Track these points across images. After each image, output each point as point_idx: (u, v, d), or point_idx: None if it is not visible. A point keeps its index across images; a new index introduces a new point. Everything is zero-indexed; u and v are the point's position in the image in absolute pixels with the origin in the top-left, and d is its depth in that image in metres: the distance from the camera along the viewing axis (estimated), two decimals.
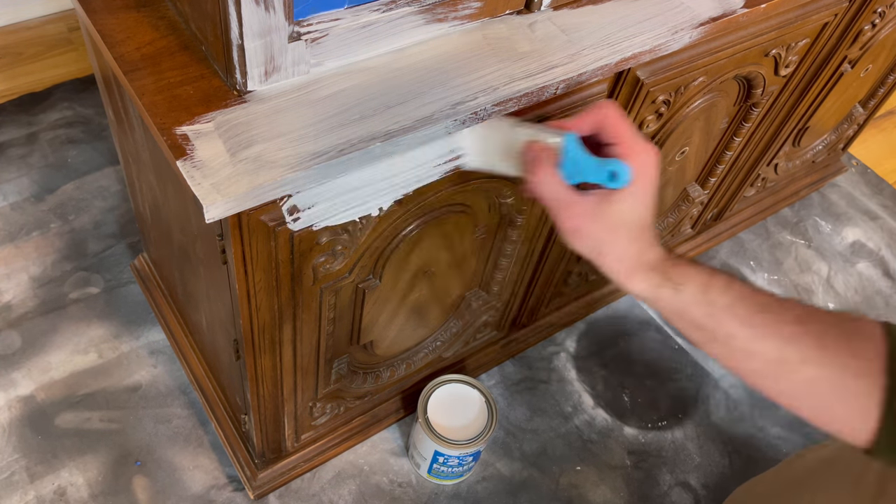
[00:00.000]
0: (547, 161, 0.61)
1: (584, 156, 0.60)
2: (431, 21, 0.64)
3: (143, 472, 1.03)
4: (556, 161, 0.60)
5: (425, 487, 1.07)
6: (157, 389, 1.11)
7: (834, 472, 0.81)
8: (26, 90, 1.46)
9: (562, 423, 1.16)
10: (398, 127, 0.60)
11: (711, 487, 1.13)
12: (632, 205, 0.59)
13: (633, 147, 0.59)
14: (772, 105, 1.04)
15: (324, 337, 0.81)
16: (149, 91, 0.59)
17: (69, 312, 1.17)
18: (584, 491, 1.10)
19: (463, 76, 0.64)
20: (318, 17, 0.57)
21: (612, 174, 0.58)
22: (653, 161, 0.59)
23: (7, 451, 1.02)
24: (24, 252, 1.23)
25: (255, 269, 0.65)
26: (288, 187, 0.56)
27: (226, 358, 0.89)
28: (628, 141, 0.59)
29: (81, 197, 1.31)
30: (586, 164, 0.60)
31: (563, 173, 0.61)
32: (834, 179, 1.60)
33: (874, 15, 1.01)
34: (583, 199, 0.60)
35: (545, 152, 0.61)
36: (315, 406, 0.94)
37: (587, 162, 0.60)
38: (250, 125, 0.57)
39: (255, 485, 1.00)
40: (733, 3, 0.76)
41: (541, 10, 0.70)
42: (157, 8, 0.65)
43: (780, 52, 0.92)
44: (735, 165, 1.17)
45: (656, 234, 0.62)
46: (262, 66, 0.57)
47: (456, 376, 1.03)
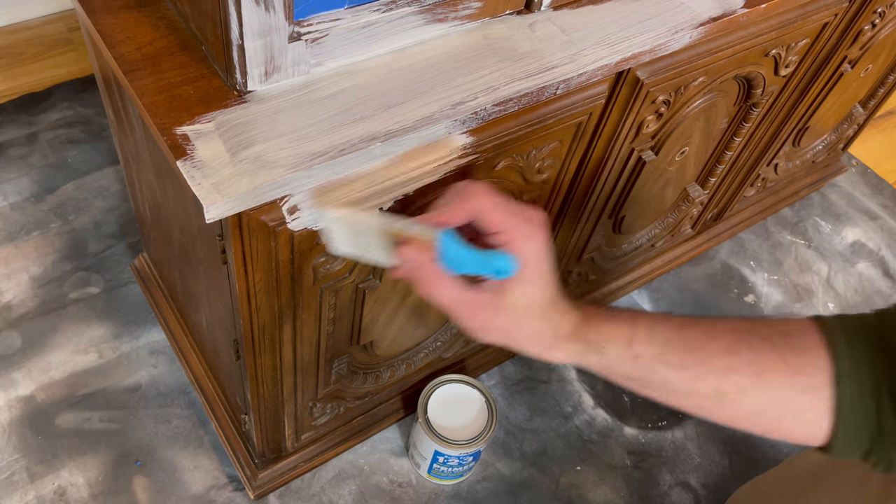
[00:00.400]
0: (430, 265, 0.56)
1: (463, 251, 0.56)
2: (431, 21, 0.64)
3: (143, 472, 1.03)
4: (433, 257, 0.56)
5: (425, 487, 1.07)
6: (157, 389, 1.11)
7: (838, 473, 0.81)
8: (26, 90, 1.46)
9: (562, 423, 1.16)
10: (398, 127, 0.60)
11: (711, 487, 1.13)
12: (530, 288, 0.57)
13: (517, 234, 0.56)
14: (772, 105, 1.04)
15: (324, 337, 0.81)
16: (149, 91, 0.59)
17: (69, 312, 1.17)
18: (584, 491, 1.10)
19: (463, 76, 0.64)
20: (318, 17, 0.57)
21: (497, 270, 0.56)
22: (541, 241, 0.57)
23: (7, 451, 1.02)
24: (24, 252, 1.23)
25: (255, 269, 0.65)
26: (288, 187, 0.56)
27: (226, 358, 0.89)
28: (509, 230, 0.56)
29: (81, 197, 1.31)
30: (468, 259, 0.56)
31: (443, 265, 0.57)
32: (834, 179, 1.60)
33: (874, 15, 1.01)
34: (478, 295, 0.57)
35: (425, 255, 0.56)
36: (315, 406, 0.94)
37: (468, 257, 0.56)
38: (250, 125, 0.57)
39: (255, 485, 1.00)
40: (733, 3, 0.76)
41: (541, 10, 0.70)
42: (157, 8, 0.65)
43: (780, 52, 0.92)
44: (735, 165, 1.17)
45: (564, 298, 0.60)
46: (262, 66, 0.57)
47: (456, 376, 1.03)
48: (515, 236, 0.56)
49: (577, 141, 0.80)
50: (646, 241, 1.20)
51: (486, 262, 0.56)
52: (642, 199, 1.03)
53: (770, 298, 1.38)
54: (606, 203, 0.97)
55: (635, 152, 0.89)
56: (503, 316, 0.58)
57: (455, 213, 0.57)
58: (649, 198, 1.05)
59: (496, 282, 0.57)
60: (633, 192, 0.98)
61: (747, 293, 1.38)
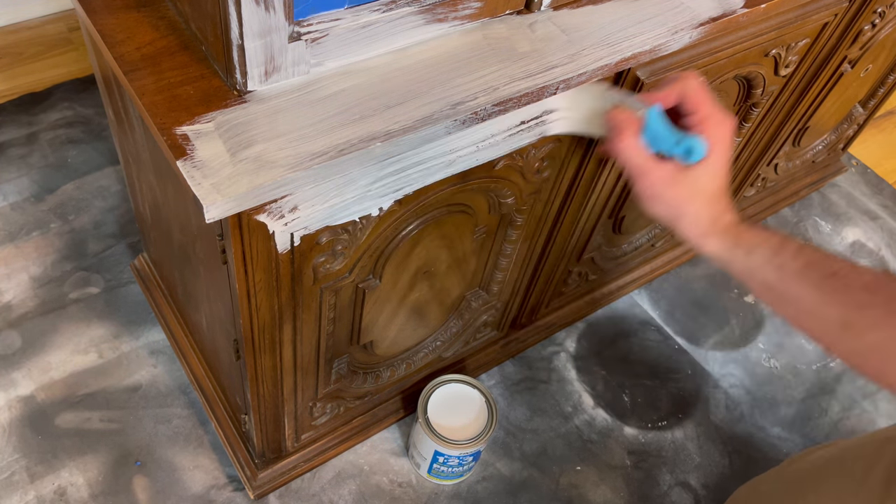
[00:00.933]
0: (630, 128, 0.65)
1: (664, 129, 0.64)
2: (431, 21, 0.64)
3: (143, 472, 1.03)
4: (638, 129, 0.65)
5: (425, 487, 1.07)
6: (157, 389, 1.11)
7: (839, 473, 0.80)
8: (26, 90, 1.46)
9: (562, 423, 1.16)
10: (398, 127, 0.60)
11: (711, 487, 1.13)
12: (708, 173, 0.64)
13: (711, 118, 0.64)
14: (772, 105, 1.04)
15: (324, 337, 0.81)
16: (149, 91, 0.59)
17: (69, 312, 1.17)
18: (584, 491, 1.10)
19: (463, 76, 0.64)
20: (318, 17, 0.57)
21: (688, 150, 0.63)
22: (728, 131, 0.64)
23: (7, 451, 1.02)
24: (24, 252, 1.23)
25: (255, 269, 0.65)
26: (288, 187, 0.56)
27: (226, 358, 0.89)
28: (706, 111, 0.64)
29: (81, 197, 1.31)
30: (666, 137, 0.64)
31: (644, 142, 0.65)
32: (834, 179, 1.60)
33: (874, 15, 1.01)
34: (662, 166, 0.64)
35: (629, 120, 0.65)
36: (315, 406, 0.94)
37: (667, 135, 0.64)
38: (250, 125, 0.57)
39: (255, 485, 1.00)
40: (733, 3, 0.76)
41: (541, 10, 0.70)
42: (157, 8, 0.65)
43: (780, 52, 0.92)
44: (735, 165, 1.17)
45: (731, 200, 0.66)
46: (262, 66, 0.57)
47: (456, 376, 1.03)
48: (711, 119, 0.64)
49: (576, 141, 0.80)
50: (646, 241, 1.20)
51: (680, 141, 0.63)
52: None
53: None
54: (606, 203, 0.97)
55: None
56: (676, 191, 0.64)
57: (668, 92, 0.65)
58: None
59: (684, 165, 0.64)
60: (632, 192, 0.98)
61: (747, 293, 1.38)
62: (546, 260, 1.02)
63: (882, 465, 0.74)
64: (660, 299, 1.34)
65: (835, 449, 0.86)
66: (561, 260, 1.05)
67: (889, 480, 0.72)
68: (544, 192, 0.85)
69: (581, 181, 0.89)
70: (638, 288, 1.34)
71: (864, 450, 0.79)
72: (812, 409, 1.24)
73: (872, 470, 0.74)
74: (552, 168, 0.82)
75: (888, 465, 0.73)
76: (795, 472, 0.89)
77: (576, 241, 1.02)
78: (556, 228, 0.96)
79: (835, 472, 0.81)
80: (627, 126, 0.65)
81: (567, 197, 0.91)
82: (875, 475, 0.74)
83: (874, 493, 0.73)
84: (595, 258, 1.13)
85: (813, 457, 0.89)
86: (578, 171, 0.87)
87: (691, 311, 1.34)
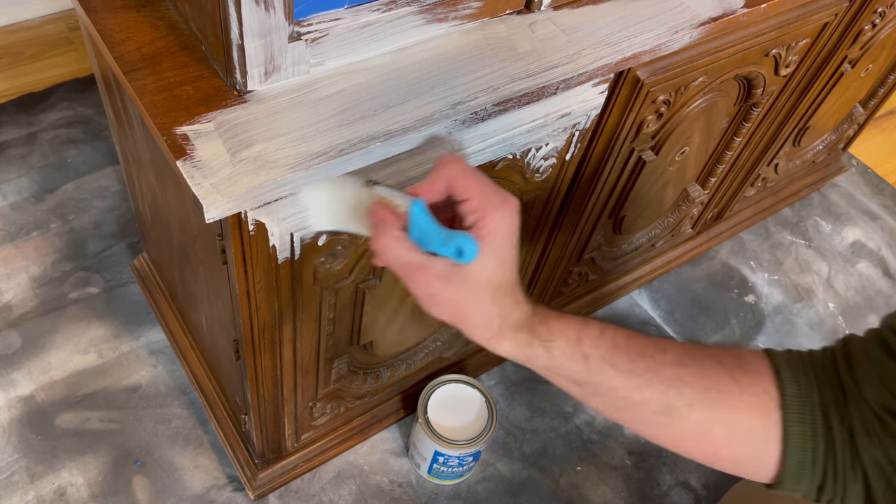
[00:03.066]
0: (390, 227, 0.55)
1: (430, 226, 0.55)
2: (431, 21, 0.64)
3: (143, 472, 1.03)
4: (402, 226, 0.56)
5: (425, 487, 1.07)
6: (157, 389, 1.11)
7: None
8: (26, 90, 1.46)
9: (562, 423, 1.16)
10: (398, 127, 0.60)
11: (711, 487, 1.13)
12: (488, 267, 0.54)
13: (487, 204, 0.54)
14: (772, 105, 1.04)
15: (324, 337, 0.81)
16: (149, 91, 0.59)
17: (69, 312, 1.17)
18: (584, 491, 1.10)
19: (463, 76, 0.64)
20: (318, 17, 0.57)
21: (458, 251, 0.54)
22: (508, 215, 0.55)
23: (7, 451, 1.02)
24: (24, 252, 1.23)
25: (255, 269, 0.65)
26: (288, 187, 0.56)
27: (226, 358, 0.89)
28: (480, 198, 0.54)
29: (81, 197, 1.31)
30: (433, 235, 0.55)
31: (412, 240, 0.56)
32: (834, 179, 1.60)
33: (874, 15, 1.01)
34: (434, 263, 0.54)
35: (389, 218, 0.56)
36: (315, 406, 0.94)
37: (434, 232, 0.55)
38: (250, 125, 0.57)
39: (255, 485, 1.00)
40: (733, 3, 0.76)
41: (541, 10, 0.70)
42: (157, 8, 0.65)
43: (781, 52, 0.92)
44: (735, 165, 1.17)
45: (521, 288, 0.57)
46: (262, 65, 0.57)
47: (456, 376, 1.03)
48: (485, 205, 0.54)
49: (577, 140, 0.80)
50: (646, 241, 1.20)
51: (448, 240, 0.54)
52: (642, 199, 1.03)
53: (770, 298, 1.38)
54: (606, 203, 0.97)
55: (635, 152, 0.89)
56: (454, 287, 0.55)
57: (429, 184, 0.56)
58: (649, 198, 1.05)
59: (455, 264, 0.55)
60: (633, 192, 0.98)
61: (747, 293, 1.38)
62: (546, 260, 1.02)
63: None
64: (660, 299, 1.34)
65: None
66: (561, 260, 1.05)
67: None
68: (544, 192, 0.85)
69: (581, 181, 0.89)
70: (638, 288, 1.34)
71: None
72: None
73: None
74: (553, 168, 0.82)
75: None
76: None
77: (576, 241, 1.02)
78: (556, 228, 0.96)
79: None
80: (388, 224, 0.55)
81: (567, 197, 0.91)
82: None
83: None
84: (595, 258, 1.13)
85: None
86: (578, 171, 0.87)
87: (691, 311, 1.34)
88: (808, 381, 0.53)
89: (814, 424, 0.51)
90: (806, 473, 0.52)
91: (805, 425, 0.52)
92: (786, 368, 0.54)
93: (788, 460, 0.52)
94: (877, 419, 0.49)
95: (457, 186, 0.55)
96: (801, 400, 0.52)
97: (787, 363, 0.54)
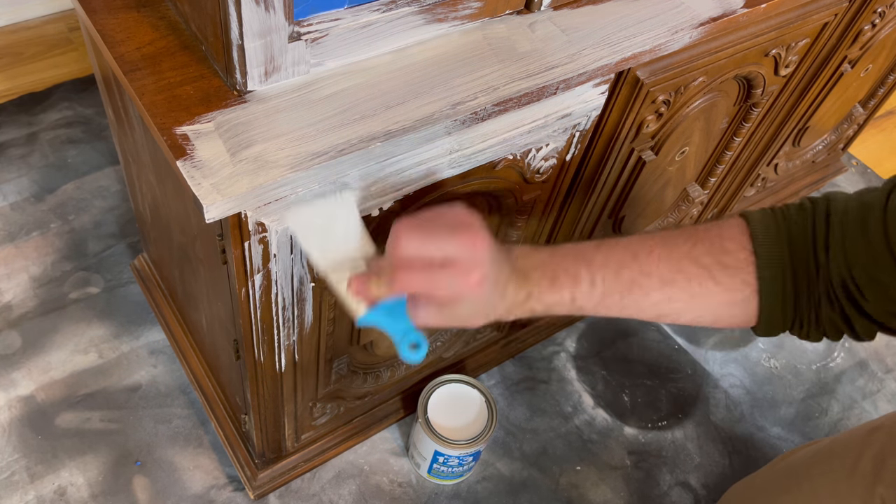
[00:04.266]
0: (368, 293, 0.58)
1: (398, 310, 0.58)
2: (431, 21, 0.64)
3: (143, 472, 1.03)
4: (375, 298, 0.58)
5: (425, 487, 1.07)
6: (157, 389, 1.11)
7: (831, 462, 0.83)
8: (26, 90, 1.46)
9: (562, 423, 1.16)
10: (398, 127, 0.60)
11: (711, 487, 1.13)
12: (476, 301, 0.57)
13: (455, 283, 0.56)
14: (772, 105, 1.04)
15: (324, 337, 0.81)
16: (149, 91, 0.59)
17: (69, 312, 1.17)
18: (584, 491, 1.10)
19: (463, 76, 0.64)
20: (318, 17, 0.57)
21: (412, 345, 0.58)
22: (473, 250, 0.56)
23: (7, 451, 1.02)
24: (24, 252, 1.23)
25: (255, 268, 0.65)
26: (288, 187, 0.56)
27: (226, 358, 0.89)
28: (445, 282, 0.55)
29: (81, 197, 1.31)
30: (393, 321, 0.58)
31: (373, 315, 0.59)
32: (834, 179, 1.60)
33: (874, 15, 1.01)
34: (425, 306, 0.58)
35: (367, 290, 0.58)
36: (315, 406, 0.94)
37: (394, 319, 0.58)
38: (250, 125, 0.57)
39: (255, 485, 1.00)
40: (733, 3, 0.76)
41: (541, 10, 0.70)
42: (157, 8, 0.65)
43: (780, 52, 0.92)
44: (735, 165, 1.17)
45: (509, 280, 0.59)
46: (262, 66, 0.57)
47: (456, 376, 1.03)
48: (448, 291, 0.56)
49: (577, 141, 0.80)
50: None
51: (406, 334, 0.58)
52: (642, 199, 1.03)
53: None
54: (606, 203, 0.97)
55: (635, 152, 0.89)
56: (450, 320, 0.59)
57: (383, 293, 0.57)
58: (649, 198, 1.05)
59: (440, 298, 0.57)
60: (633, 193, 0.98)
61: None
62: None
63: (871, 453, 0.77)
64: None
65: (826, 441, 0.88)
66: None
67: (877, 466, 0.75)
68: (545, 192, 0.85)
69: (581, 181, 0.89)
70: None
71: (853, 440, 0.82)
72: (812, 409, 1.24)
73: (862, 458, 0.77)
74: (553, 168, 0.82)
75: (876, 453, 0.76)
76: (789, 465, 0.91)
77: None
78: (557, 229, 0.96)
79: (827, 462, 0.83)
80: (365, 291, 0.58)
81: (567, 197, 0.91)
82: (864, 462, 0.77)
83: (865, 478, 0.76)
84: None
85: (805, 451, 0.91)
86: (578, 172, 0.87)
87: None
88: (783, 257, 0.59)
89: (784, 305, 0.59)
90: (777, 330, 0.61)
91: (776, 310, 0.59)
92: (763, 251, 0.59)
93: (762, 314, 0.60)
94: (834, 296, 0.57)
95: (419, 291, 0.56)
96: (772, 288, 0.58)
97: (765, 242, 0.59)
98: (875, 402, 1.26)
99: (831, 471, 0.81)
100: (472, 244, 0.56)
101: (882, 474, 0.74)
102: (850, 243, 0.56)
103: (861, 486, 0.75)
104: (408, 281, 0.55)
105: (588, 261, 0.61)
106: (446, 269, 0.55)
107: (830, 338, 0.60)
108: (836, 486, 0.79)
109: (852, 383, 1.28)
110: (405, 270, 0.55)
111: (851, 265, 0.56)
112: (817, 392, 1.26)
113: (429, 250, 0.55)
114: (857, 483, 0.76)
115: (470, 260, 0.55)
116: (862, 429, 0.84)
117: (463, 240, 0.56)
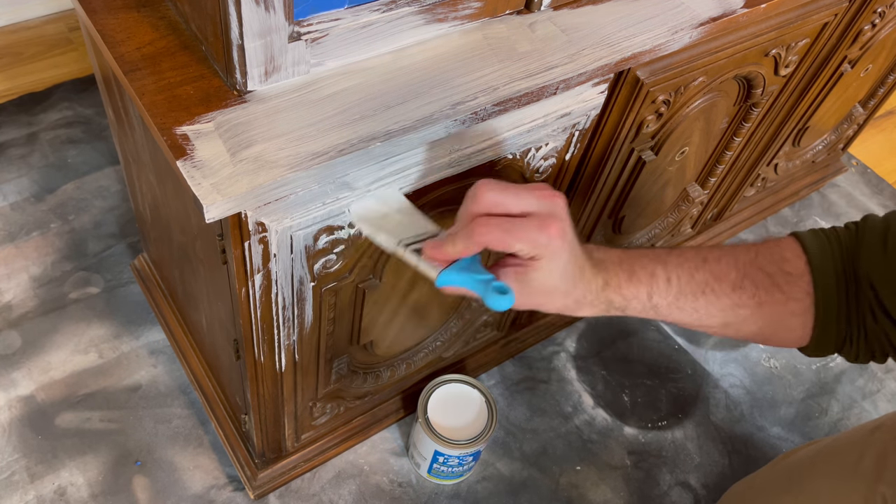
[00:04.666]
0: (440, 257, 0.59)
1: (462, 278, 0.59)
2: (431, 21, 0.64)
3: (143, 472, 1.03)
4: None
5: (425, 487, 1.07)
6: (157, 389, 1.11)
7: (833, 461, 0.83)
8: (26, 90, 1.46)
9: (562, 423, 1.16)
10: (398, 127, 0.60)
11: (711, 487, 1.13)
12: (553, 267, 0.57)
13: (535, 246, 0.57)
14: (772, 105, 1.04)
15: (324, 337, 0.81)
16: (149, 91, 0.59)
17: (69, 312, 1.17)
18: (584, 491, 1.10)
19: (463, 76, 0.64)
20: (318, 17, 0.57)
21: (498, 289, 0.57)
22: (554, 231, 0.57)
23: (7, 451, 1.02)
24: (24, 252, 1.23)
25: (255, 268, 0.65)
26: (288, 187, 0.56)
27: (226, 358, 0.89)
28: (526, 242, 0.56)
29: (81, 197, 1.31)
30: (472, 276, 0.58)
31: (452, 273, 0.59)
32: (834, 179, 1.60)
33: (874, 15, 1.01)
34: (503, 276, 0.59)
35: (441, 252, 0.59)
36: (315, 406, 0.94)
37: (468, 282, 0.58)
38: (250, 125, 0.57)
39: (255, 485, 1.00)
40: (733, 3, 0.76)
41: (541, 10, 0.70)
42: (157, 8, 0.65)
43: (780, 52, 0.92)
44: (735, 165, 1.17)
45: (588, 265, 0.61)
46: (262, 66, 0.57)
47: (456, 376, 1.03)
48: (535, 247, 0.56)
49: (576, 141, 0.80)
50: (646, 241, 1.20)
51: (486, 284, 0.58)
52: (642, 199, 1.03)
53: None
54: (606, 203, 0.97)
55: (635, 152, 0.89)
56: (528, 294, 0.60)
57: (463, 248, 0.57)
58: (649, 198, 1.05)
59: (518, 264, 0.59)
60: (632, 192, 0.98)
61: None
62: None
63: (872, 452, 0.77)
64: None
65: (827, 441, 0.88)
66: None
67: (879, 465, 0.76)
68: None
69: (581, 181, 0.89)
70: None
71: (854, 439, 0.83)
72: (812, 409, 1.24)
73: (864, 457, 0.78)
74: (553, 168, 0.82)
75: (878, 452, 0.77)
76: (789, 464, 0.91)
77: None
78: None
79: (828, 462, 0.84)
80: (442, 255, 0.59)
81: (567, 197, 0.90)
82: (866, 461, 0.77)
83: (866, 477, 0.76)
84: None
85: (805, 450, 0.91)
86: (578, 171, 0.87)
87: None
88: (832, 269, 0.62)
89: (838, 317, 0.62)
90: (828, 347, 0.64)
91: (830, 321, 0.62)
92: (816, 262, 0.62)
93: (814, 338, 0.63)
94: (871, 313, 0.60)
95: (497, 245, 0.56)
96: (827, 299, 0.61)
97: (816, 254, 0.62)
98: (875, 402, 1.26)
99: (832, 470, 0.82)
100: (551, 199, 0.57)
101: (884, 473, 0.74)
102: (872, 256, 0.60)
103: (863, 485, 0.75)
104: (486, 232, 0.55)
105: (663, 261, 0.64)
106: (525, 219, 0.55)
107: (878, 359, 0.62)
108: (838, 485, 0.79)
109: (852, 383, 1.28)
110: (483, 222, 0.55)
111: (873, 278, 0.59)
112: (817, 392, 1.26)
113: (508, 202, 0.56)
114: (858, 482, 0.76)
115: (549, 213, 0.56)
116: (863, 428, 0.84)
117: (542, 194, 0.57)
